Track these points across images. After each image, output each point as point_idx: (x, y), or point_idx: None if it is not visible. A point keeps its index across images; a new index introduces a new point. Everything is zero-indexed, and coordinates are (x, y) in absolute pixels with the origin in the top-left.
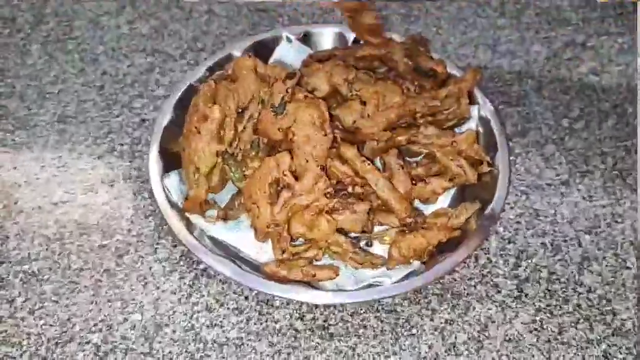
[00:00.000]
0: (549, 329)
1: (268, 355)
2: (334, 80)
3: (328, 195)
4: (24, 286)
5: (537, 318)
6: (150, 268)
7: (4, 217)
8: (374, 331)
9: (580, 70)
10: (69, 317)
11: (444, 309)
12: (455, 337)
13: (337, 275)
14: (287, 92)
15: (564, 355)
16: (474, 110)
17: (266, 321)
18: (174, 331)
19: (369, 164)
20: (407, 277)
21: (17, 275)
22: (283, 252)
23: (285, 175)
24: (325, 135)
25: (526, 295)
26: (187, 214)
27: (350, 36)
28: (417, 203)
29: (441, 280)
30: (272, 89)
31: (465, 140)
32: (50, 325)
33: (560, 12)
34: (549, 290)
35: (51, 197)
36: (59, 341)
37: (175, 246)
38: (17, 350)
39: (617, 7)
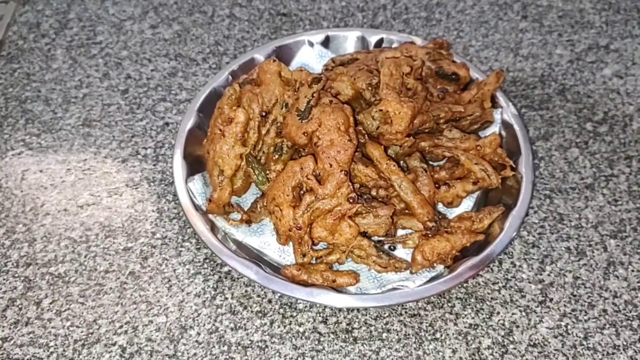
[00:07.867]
0: (575, 334)
1: (292, 358)
2: (357, 85)
3: (351, 201)
4: (50, 288)
5: (562, 323)
6: (174, 270)
7: (30, 219)
8: (397, 335)
9: (604, 73)
10: (95, 318)
11: (468, 314)
12: (480, 342)
13: (358, 281)
14: (312, 96)
15: None
16: (497, 114)
17: (290, 324)
18: (198, 333)
19: (394, 165)
20: (430, 281)
21: (43, 277)
22: (304, 255)
23: (308, 179)
24: (350, 140)
25: (551, 300)
26: (210, 217)
27: (372, 40)
28: (440, 207)
29: (465, 285)
30: (298, 93)
31: (490, 144)
32: (77, 327)
33: (583, 14)
34: (574, 295)
35: (77, 199)
36: (85, 342)
37: (199, 249)
38: (44, 351)
39: None
